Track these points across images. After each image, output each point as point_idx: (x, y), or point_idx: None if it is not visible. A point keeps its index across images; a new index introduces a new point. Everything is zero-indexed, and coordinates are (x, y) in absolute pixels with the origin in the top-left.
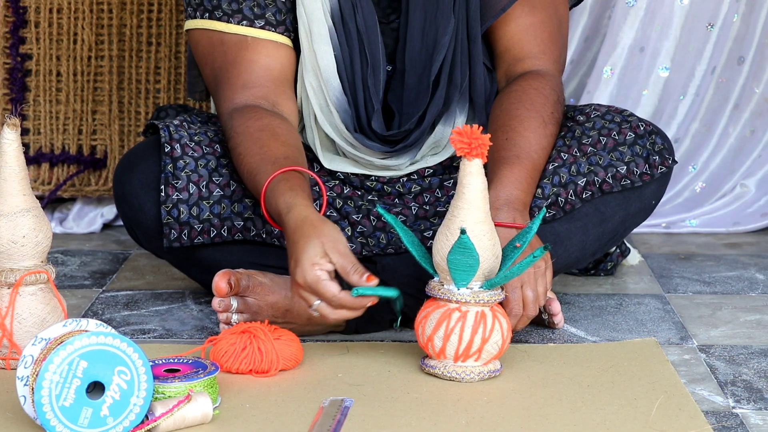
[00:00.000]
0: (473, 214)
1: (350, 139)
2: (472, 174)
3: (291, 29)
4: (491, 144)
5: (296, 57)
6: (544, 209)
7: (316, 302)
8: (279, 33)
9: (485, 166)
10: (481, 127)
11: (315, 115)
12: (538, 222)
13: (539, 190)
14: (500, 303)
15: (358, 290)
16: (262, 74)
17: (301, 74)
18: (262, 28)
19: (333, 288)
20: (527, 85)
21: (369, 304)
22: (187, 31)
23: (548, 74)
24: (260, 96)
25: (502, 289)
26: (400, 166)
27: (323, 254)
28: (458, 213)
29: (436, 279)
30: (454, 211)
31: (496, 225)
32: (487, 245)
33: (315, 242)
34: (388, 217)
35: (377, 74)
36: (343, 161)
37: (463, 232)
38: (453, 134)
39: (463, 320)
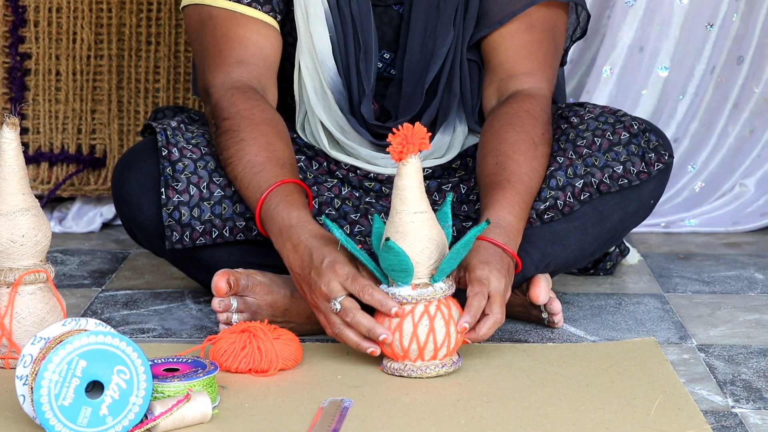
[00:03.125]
0: (413, 206)
1: (342, 122)
2: (408, 175)
3: (277, 11)
4: (483, 168)
5: (281, 43)
6: (450, 194)
7: (341, 296)
8: (265, 12)
9: (477, 189)
10: (424, 128)
11: (309, 98)
12: (448, 205)
13: None
14: (462, 306)
15: (335, 229)
16: (256, 52)
17: (298, 60)
18: (248, 5)
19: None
20: (518, 107)
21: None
22: (183, 8)
23: (539, 95)
24: (254, 75)
25: (455, 283)
26: (388, 163)
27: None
28: (398, 213)
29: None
30: (394, 215)
31: (486, 241)
32: (428, 235)
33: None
34: (335, 230)
35: (369, 60)
36: (343, 150)
37: (387, 240)
38: (389, 138)
39: (411, 317)
